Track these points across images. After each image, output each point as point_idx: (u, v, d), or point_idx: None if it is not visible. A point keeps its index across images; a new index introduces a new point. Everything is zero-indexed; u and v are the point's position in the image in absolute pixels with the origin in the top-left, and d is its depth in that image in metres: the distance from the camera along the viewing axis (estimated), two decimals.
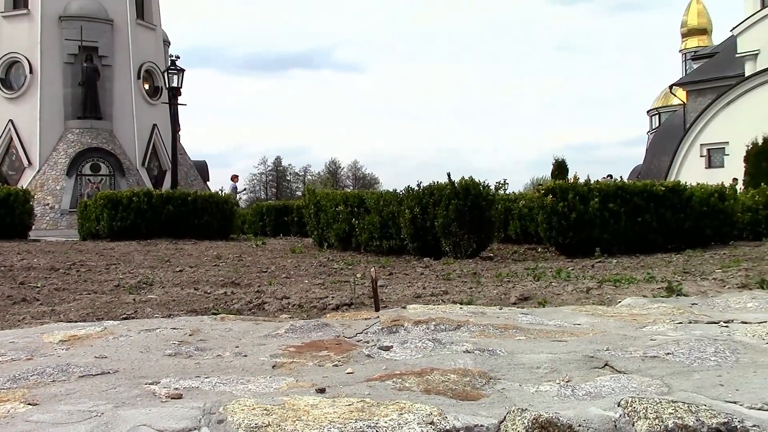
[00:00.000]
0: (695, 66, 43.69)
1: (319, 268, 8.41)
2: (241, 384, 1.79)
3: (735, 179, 26.69)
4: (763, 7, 36.66)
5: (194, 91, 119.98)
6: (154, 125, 36.09)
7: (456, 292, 5.64)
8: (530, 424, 1.42)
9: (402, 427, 1.37)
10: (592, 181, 10.81)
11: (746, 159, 31.15)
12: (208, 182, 40.88)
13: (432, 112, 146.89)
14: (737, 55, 36.24)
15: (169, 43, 41.83)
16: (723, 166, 34.60)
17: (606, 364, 1.96)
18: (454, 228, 9.75)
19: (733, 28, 36.98)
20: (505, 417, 1.46)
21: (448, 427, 1.38)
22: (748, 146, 31.31)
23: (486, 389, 1.69)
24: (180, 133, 38.01)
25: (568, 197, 10.07)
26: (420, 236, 10.22)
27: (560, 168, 35.96)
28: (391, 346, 2.22)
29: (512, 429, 1.42)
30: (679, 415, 1.50)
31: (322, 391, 1.66)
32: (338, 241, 11.91)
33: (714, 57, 40.36)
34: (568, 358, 2.04)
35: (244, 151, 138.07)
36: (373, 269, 3.94)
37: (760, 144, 30.59)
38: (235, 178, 26.98)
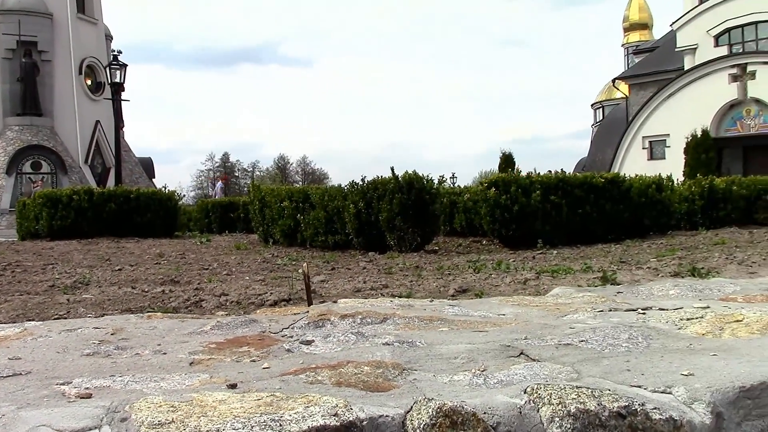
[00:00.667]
0: (637, 60, 44.60)
1: (262, 265, 8.36)
2: (154, 382, 1.77)
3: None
4: (701, 2, 37.59)
5: (140, 86, 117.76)
6: (97, 122, 35.34)
7: (396, 286, 5.66)
8: (434, 413, 1.44)
9: (306, 419, 1.38)
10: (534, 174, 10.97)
11: (686, 151, 31.99)
12: (153, 179, 40.23)
13: (381, 106, 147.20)
14: (677, 50, 37.09)
15: (112, 38, 40.98)
16: (664, 158, 35.41)
17: (521, 353, 1.99)
18: (398, 222, 9.79)
19: (673, 23, 37.84)
20: (411, 407, 1.47)
21: (351, 419, 1.39)
22: (687, 138, 32.14)
23: (398, 380, 1.71)
24: (124, 129, 37.35)
25: (511, 190, 10.20)
26: (365, 231, 10.23)
27: (507, 161, 36.40)
28: (313, 341, 2.22)
29: (417, 418, 1.44)
30: (582, 400, 1.53)
31: (233, 386, 1.65)
32: (283, 237, 11.84)
33: (655, 51, 41.26)
34: (486, 348, 2.06)
35: (192, 147, 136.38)
36: (305, 264, 3.93)
37: (698, 136, 31.45)
38: (224, 177, 26.50)
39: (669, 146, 35.73)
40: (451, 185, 24.43)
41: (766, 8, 34.09)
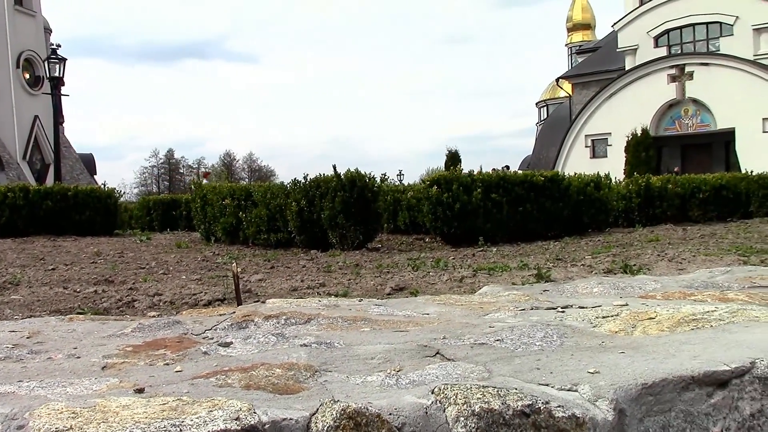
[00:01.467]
0: (580, 60, 45.38)
1: (202, 263, 8.26)
2: (61, 387, 1.73)
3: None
4: (642, 4, 38.46)
5: (81, 81, 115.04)
6: (36, 117, 34.41)
7: (334, 284, 5.66)
8: (338, 415, 1.44)
9: (207, 424, 1.37)
10: (475, 172, 11.09)
11: (626, 149, 32.76)
12: (95, 176, 39.39)
13: (328, 102, 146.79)
14: (618, 50, 37.89)
15: (51, 31, 39.93)
16: (606, 156, 36.15)
17: (437, 353, 2.01)
18: (340, 220, 9.79)
19: (614, 24, 38.64)
20: (317, 409, 1.47)
21: (253, 422, 1.38)
22: (628, 137, 32.91)
23: (309, 382, 1.71)
24: (64, 124, 36.45)
25: (453, 188, 10.29)
26: (307, 229, 10.20)
27: (453, 158, 36.73)
28: (232, 342, 2.21)
29: (322, 421, 1.44)
30: (486, 400, 1.55)
31: (140, 391, 1.63)
32: (225, 235, 11.73)
33: (597, 51, 42.05)
34: (404, 348, 2.08)
35: (135, 143, 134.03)
36: (234, 264, 3.90)
37: (638, 135, 32.21)
38: (206, 175, 25.97)
39: (611, 145, 36.50)
40: (398, 182, 24.52)
41: (703, 11, 35.05)
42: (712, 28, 35.43)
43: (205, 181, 24.82)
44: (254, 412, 1.42)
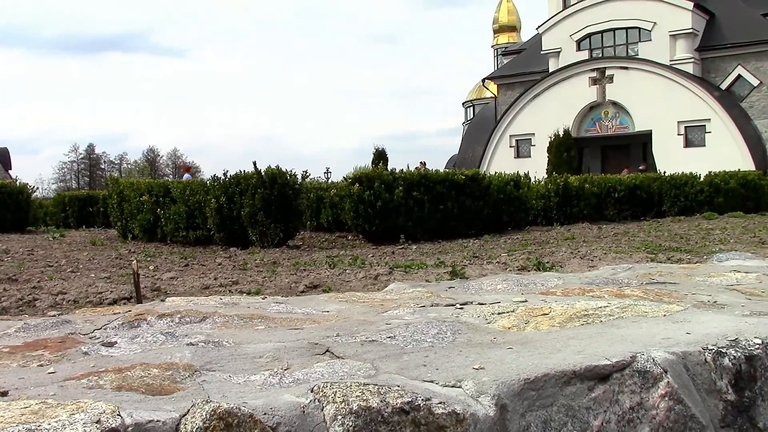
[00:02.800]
0: (506, 61, 46.14)
1: (115, 261, 8.02)
2: None
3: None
4: (565, 8, 39.37)
5: None
6: None
7: (247, 282, 5.57)
8: (209, 416, 1.40)
9: (66, 428, 1.30)
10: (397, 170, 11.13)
11: (549, 149, 33.48)
12: (10, 171, 37.91)
13: (255, 98, 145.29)
14: (542, 52, 38.66)
15: None
16: (530, 156, 36.89)
17: (327, 351, 1.99)
18: (260, 217, 9.67)
19: (539, 27, 39.41)
20: (188, 410, 1.43)
21: (115, 425, 1.32)
22: (551, 137, 33.65)
23: (186, 383, 1.65)
24: None
25: (375, 186, 10.30)
26: (227, 226, 10.04)
27: (380, 157, 36.78)
28: (116, 342, 2.13)
29: (191, 422, 1.39)
30: (365, 398, 1.53)
31: (4, 394, 1.55)
32: (143, 232, 11.45)
33: (522, 53, 42.79)
34: (295, 346, 2.04)
35: (54, 137, 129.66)
36: (134, 262, 3.79)
37: (561, 136, 32.96)
38: (188, 169, 24.84)
39: (534, 145, 37.24)
40: (325, 180, 24.40)
41: (623, 16, 36.10)
42: (632, 33, 36.52)
43: (186, 176, 23.95)
44: (118, 415, 1.36)
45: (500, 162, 35.82)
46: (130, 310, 2.76)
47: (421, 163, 27.53)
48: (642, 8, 35.41)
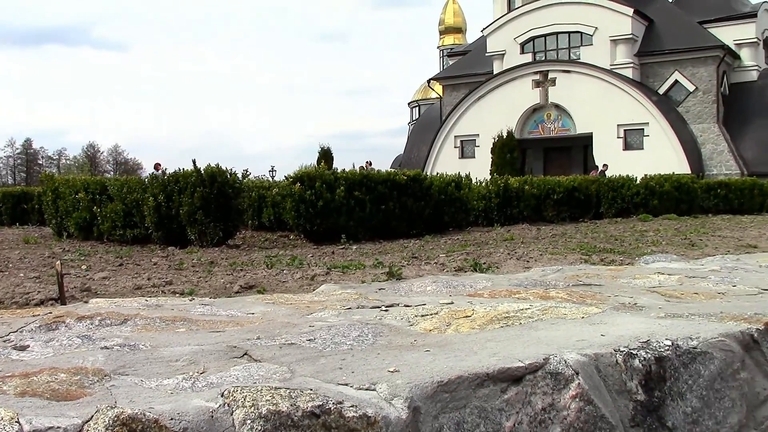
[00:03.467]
0: (451, 62, 46.51)
1: (47, 260, 7.82)
2: None
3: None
4: (510, 11, 39.89)
5: None
6: None
7: (181, 283, 5.50)
8: (111, 421, 1.38)
9: None
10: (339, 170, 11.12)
11: (493, 150, 33.87)
12: None
13: (200, 95, 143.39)
14: (487, 54, 39.10)
15: None
16: (474, 157, 37.26)
17: (245, 354, 1.98)
18: (199, 216, 9.56)
19: (484, 29, 39.84)
20: (92, 416, 1.40)
21: None
22: (494, 139, 34.04)
23: (95, 387, 1.62)
24: None
25: (316, 185, 10.28)
26: (165, 225, 9.90)
27: (326, 156, 36.70)
28: (28, 346, 2.08)
29: (94, 429, 1.37)
30: (275, 401, 1.53)
31: None
32: (79, 231, 11.20)
33: (467, 54, 43.21)
34: (213, 349, 2.03)
35: None
36: (58, 262, 3.71)
37: (504, 137, 33.38)
38: (157, 166, 23.87)
39: (479, 146, 37.63)
40: (270, 179, 24.22)
41: (565, 20, 36.74)
42: (574, 38, 37.20)
43: (154, 172, 23.09)
44: (17, 422, 1.33)
45: (445, 162, 36.13)
46: (50, 312, 2.70)
47: (367, 162, 27.55)
48: (584, 13, 36.10)
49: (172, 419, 1.45)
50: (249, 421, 1.50)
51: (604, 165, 28.82)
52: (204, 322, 2.47)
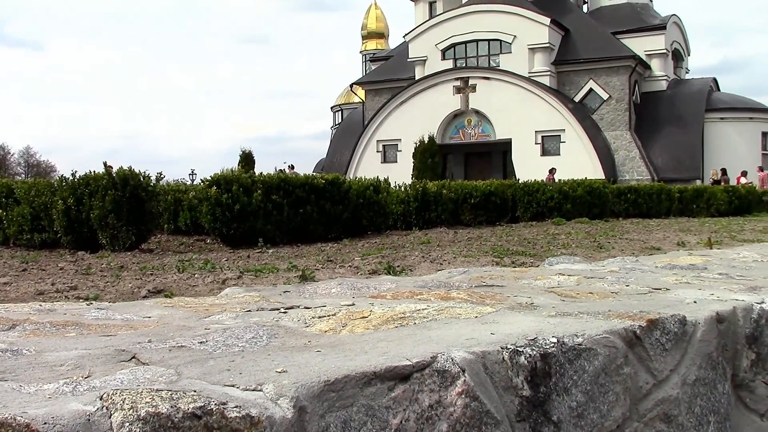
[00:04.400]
0: (374, 67, 46.77)
1: None
2: None
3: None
4: (431, 17, 40.39)
5: None
6: None
7: (87, 288, 5.36)
8: None
9: None
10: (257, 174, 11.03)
11: (414, 155, 34.20)
12: None
13: (118, 96, 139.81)
14: (409, 60, 39.50)
15: None
16: (397, 162, 37.56)
17: (134, 357, 1.95)
18: (111, 220, 9.32)
19: (406, 35, 40.23)
20: None
21: None
22: (416, 144, 34.39)
23: None
24: None
25: (233, 189, 10.17)
26: (75, 229, 9.62)
27: (247, 159, 36.29)
28: None
29: None
30: (155, 404, 1.52)
31: None
32: None
33: (390, 60, 43.55)
34: (101, 353, 2.00)
35: None
36: None
37: (425, 142, 33.75)
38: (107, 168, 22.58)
39: (401, 150, 37.95)
40: (190, 182, 23.78)
41: (485, 28, 37.47)
42: (494, 45, 37.99)
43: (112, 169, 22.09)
44: None
45: (367, 166, 36.25)
46: None
47: (289, 166, 27.42)
48: (503, 22, 36.91)
49: (45, 423, 1.42)
50: (127, 424, 1.49)
51: (552, 169, 29.42)
52: (96, 326, 2.42)
